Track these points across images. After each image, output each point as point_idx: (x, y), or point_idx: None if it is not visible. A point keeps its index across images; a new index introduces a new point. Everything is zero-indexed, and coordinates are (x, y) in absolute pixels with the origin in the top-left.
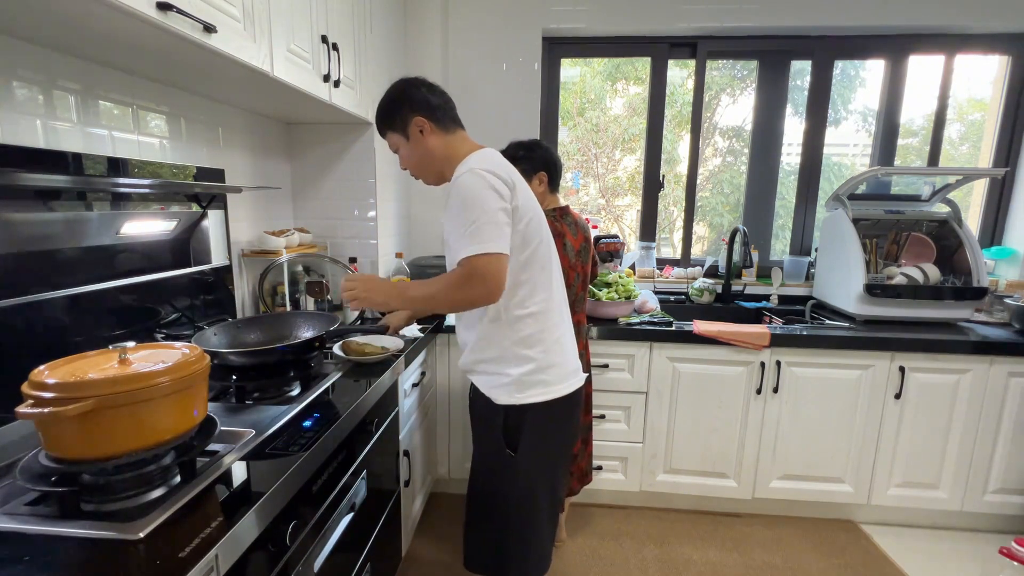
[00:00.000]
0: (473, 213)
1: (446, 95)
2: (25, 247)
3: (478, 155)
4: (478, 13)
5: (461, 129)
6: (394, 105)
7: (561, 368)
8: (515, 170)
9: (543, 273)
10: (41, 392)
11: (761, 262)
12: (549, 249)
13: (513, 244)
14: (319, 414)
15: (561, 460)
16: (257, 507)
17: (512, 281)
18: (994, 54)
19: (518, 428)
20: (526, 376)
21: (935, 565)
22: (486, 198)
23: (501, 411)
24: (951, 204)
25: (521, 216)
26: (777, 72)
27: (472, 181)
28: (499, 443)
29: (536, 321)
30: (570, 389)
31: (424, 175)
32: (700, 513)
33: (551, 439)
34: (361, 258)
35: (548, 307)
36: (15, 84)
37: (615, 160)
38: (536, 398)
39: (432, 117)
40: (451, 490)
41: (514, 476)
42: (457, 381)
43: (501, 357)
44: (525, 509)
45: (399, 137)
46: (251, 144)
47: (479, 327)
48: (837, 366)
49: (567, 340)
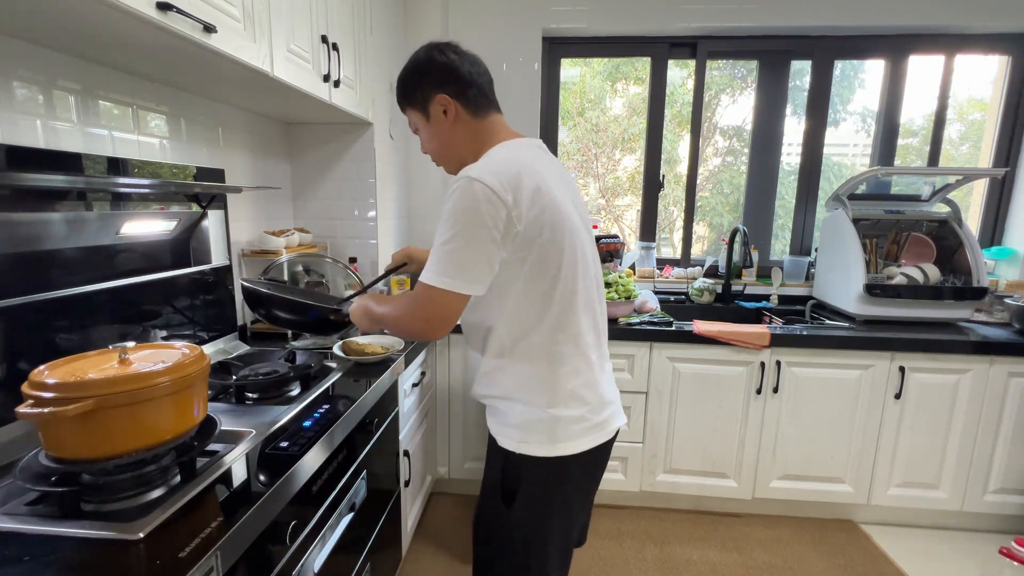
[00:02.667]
0: (453, 233)
1: (482, 66)
2: (25, 247)
3: (495, 152)
4: (478, 13)
5: (496, 113)
6: (415, 75)
7: (576, 424)
8: (538, 168)
9: (562, 307)
10: (41, 392)
11: (761, 262)
12: (575, 281)
13: (519, 275)
14: (319, 414)
15: (572, 514)
16: (257, 507)
17: (517, 317)
18: (994, 54)
19: (516, 479)
20: (530, 425)
21: (935, 565)
22: (472, 222)
23: (502, 454)
24: (951, 204)
25: (530, 240)
26: (777, 72)
27: (464, 194)
28: (497, 485)
29: (547, 366)
30: (583, 448)
31: (446, 164)
32: (700, 513)
33: (553, 499)
34: (361, 258)
35: (562, 351)
36: (15, 84)
37: (615, 160)
38: (539, 452)
39: (461, 96)
40: (451, 490)
41: (509, 526)
42: (457, 381)
43: (505, 397)
44: (525, 557)
45: (419, 116)
46: (251, 144)
47: (484, 359)
48: (837, 366)
49: (588, 391)
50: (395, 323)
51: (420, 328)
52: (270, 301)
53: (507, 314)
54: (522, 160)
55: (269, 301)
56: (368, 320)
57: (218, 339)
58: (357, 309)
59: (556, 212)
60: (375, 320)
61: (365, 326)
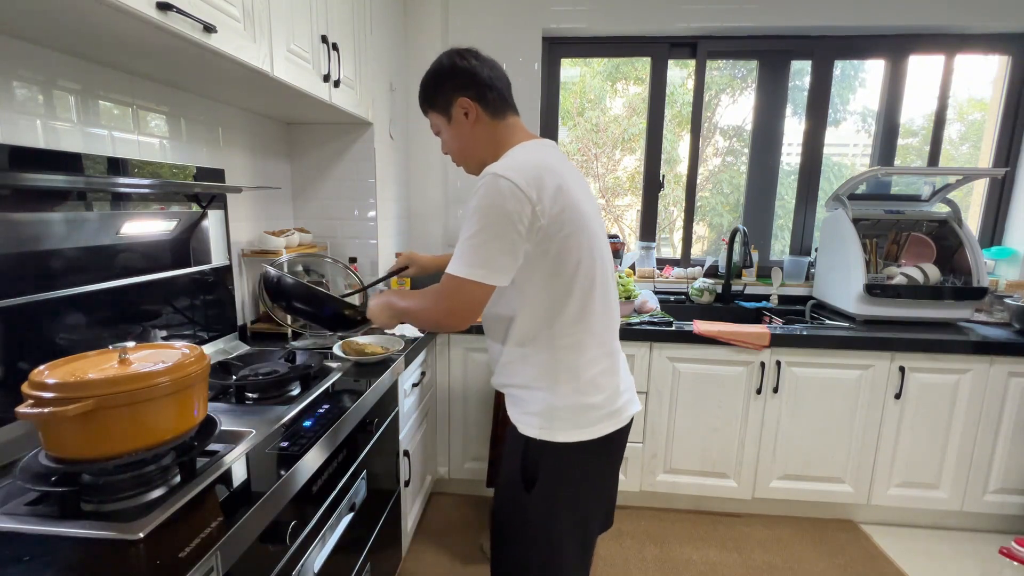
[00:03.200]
0: (479, 227)
1: (500, 71)
2: (25, 247)
3: (516, 151)
4: (478, 13)
5: (514, 115)
6: (437, 80)
7: (594, 411)
8: (557, 167)
9: (581, 300)
10: (41, 392)
11: (761, 262)
12: (593, 274)
13: (541, 266)
14: (319, 414)
15: (591, 504)
16: (257, 507)
17: (539, 307)
18: (994, 54)
19: (536, 465)
20: (550, 412)
21: (935, 565)
22: (497, 216)
23: (523, 441)
24: (951, 204)
25: (552, 234)
26: (777, 72)
27: (489, 190)
28: (517, 473)
29: (567, 355)
30: (601, 433)
31: (466, 164)
32: (700, 513)
33: (575, 483)
34: (361, 258)
35: (582, 340)
36: (15, 84)
37: (615, 160)
38: (559, 438)
39: (481, 99)
40: (451, 490)
41: (528, 514)
42: (457, 381)
43: (526, 386)
44: (545, 552)
45: (441, 118)
46: (251, 144)
47: (505, 349)
48: (837, 366)
49: (607, 378)
50: (421, 315)
51: (446, 319)
52: (293, 290)
53: (529, 305)
54: (543, 160)
55: (292, 290)
56: (389, 314)
57: (218, 339)
58: (377, 305)
59: (576, 211)
60: (398, 314)
61: (384, 320)
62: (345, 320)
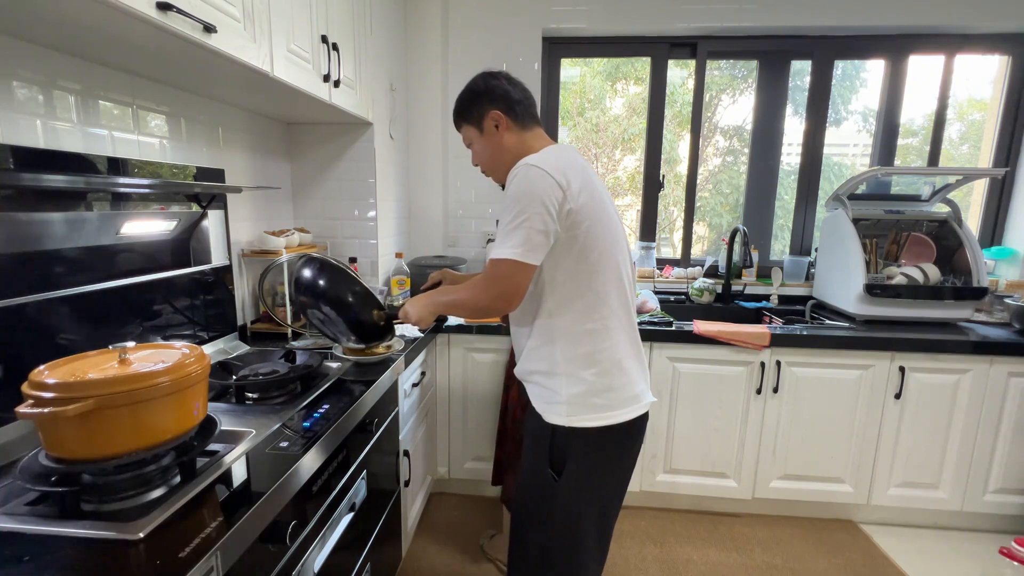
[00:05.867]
0: (515, 213)
1: (527, 91)
2: (25, 247)
3: (545, 151)
4: (478, 13)
5: (538, 126)
6: (473, 97)
7: (618, 393)
8: (581, 166)
9: (605, 287)
10: (41, 392)
11: (761, 262)
12: (616, 262)
13: (569, 252)
14: (319, 414)
15: (612, 492)
16: (257, 507)
17: (567, 293)
18: (994, 54)
19: (565, 451)
20: (578, 398)
21: (935, 565)
22: (531, 199)
23: (549, 429)
24: (951, 204)
25: (579, 221)
26: (777, 72)
27: (523, 177)
28: (544, 463)
29: (593, 339)
30: (626, 417)
31: (495, 172)
32: (700, 513)
33: (600, 468)
34: (361, 258)
35: (608, 325)
36: (15, 84)
37: (615, 160)
38: (587, 423)
39: (510, 112)
40: (451, 490)
41: (556, 501)
42: (457, 381)
43: (552, 372)
44: (567, 538)
45: (473, 131)
46: (251, 144)
47: (532, 338)
48: (837, 366)
49: (630, 362)
50: (469, 303)
51: (496, 303)
52: (339, 277)
53: (556, 290)
54: (568, 159)
55: (337, 277)
56: (432, 310)
57: (218, 339)
58: (414, 305)
59: (599, 206)
60: (440, 307)
61: (422, 314)
62: (376, 328)
